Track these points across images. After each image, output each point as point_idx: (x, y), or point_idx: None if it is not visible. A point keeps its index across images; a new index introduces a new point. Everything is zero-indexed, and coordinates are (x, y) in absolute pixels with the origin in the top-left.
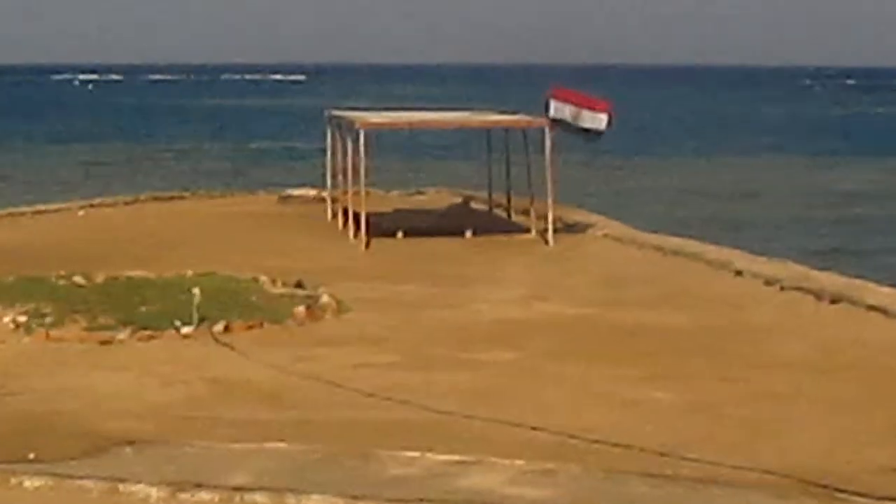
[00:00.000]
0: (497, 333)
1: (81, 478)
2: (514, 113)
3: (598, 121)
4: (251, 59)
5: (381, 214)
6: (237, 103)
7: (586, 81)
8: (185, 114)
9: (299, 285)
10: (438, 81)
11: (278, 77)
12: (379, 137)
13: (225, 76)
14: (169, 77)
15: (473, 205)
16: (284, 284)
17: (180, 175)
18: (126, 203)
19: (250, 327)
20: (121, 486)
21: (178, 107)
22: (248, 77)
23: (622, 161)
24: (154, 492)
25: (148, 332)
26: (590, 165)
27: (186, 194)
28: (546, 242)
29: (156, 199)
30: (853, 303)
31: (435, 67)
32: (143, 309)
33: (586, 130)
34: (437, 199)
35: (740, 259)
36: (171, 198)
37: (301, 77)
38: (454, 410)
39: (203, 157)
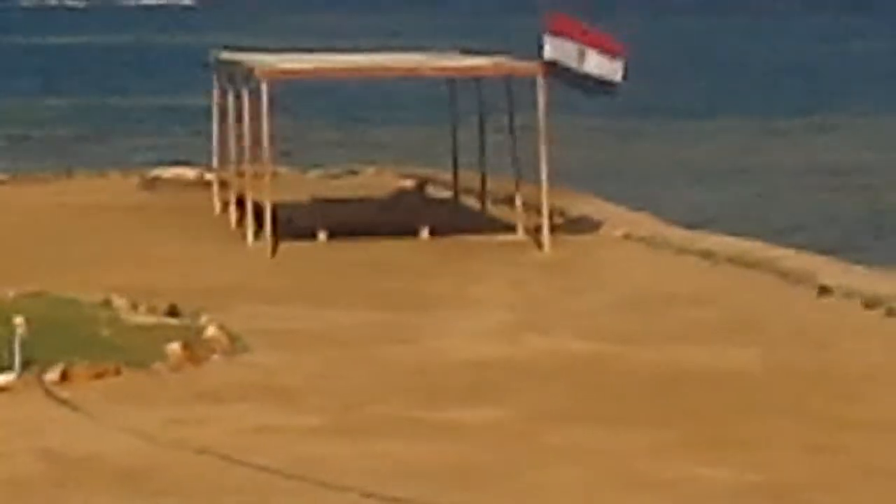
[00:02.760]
0: (470, 382)
1: None
2: (490, 55)
3: (610, 68)
4: None
5: (296, 206)
6: (79, 41)
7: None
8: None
9: (173, 312)
10: (379, 6)
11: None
12: (291, 92)
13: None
14: None
15: (431, 191)
16: (151, 310)
17: None
18: None
19: (100, 375)
20: None
21: None
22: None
23: (643, 124)
24: None
25: None
26: (601, 131)
27: (3, 177)
28: (540, 246)
29: None
30: None
31: None
32: None
33: (596, 81)
34: (377, 182)
35: (828, 269)
36: None
37: (187, 1)
38: (406, 498)
39: (29, 121)
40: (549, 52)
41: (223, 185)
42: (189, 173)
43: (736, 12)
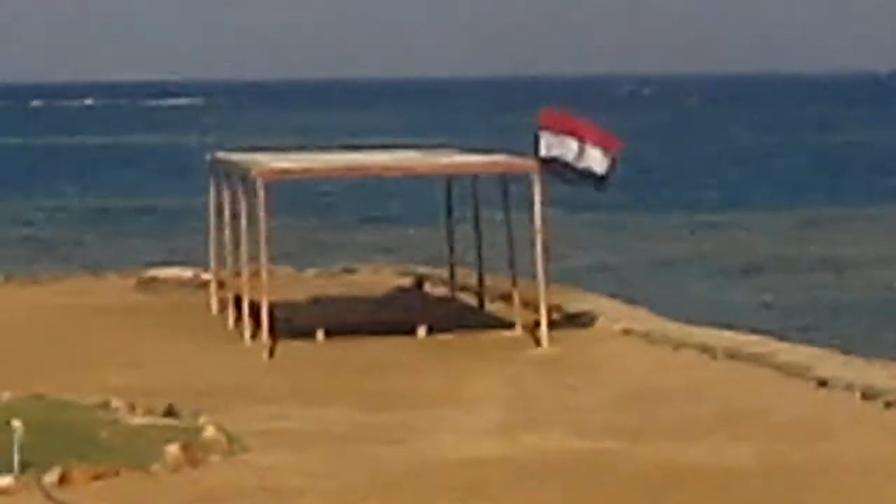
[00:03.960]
0: (466, 482)
1: None
2: (486, 152)
3: (598, 162)
4: (116, 75)
5: (293, 305)
6: (82, 142)
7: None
8: None
9: (171, 413)
10: (376, 104)
11: (153, 103)
12: (288, 191)
13: (80, 102)
14: None
15: (428, 288)
16: (149, 412)
17: None
18: None
19: (99, 477)
20: None
21: None
22: (108, 101)
23: (641, 218)
24: None
25: None
26: (599, 226)
27: None
28: (538, 343)
29: None
30: None
31: (373, 84)
32: None
33: (590, 174)
34: (374, 280)
35: (827, 362)
36: None
37: (190, 100)
38: None
39: (25, 222)
40: (544, 148)
41: (220, 284)
42: (186, 273)
43: (736, 103)
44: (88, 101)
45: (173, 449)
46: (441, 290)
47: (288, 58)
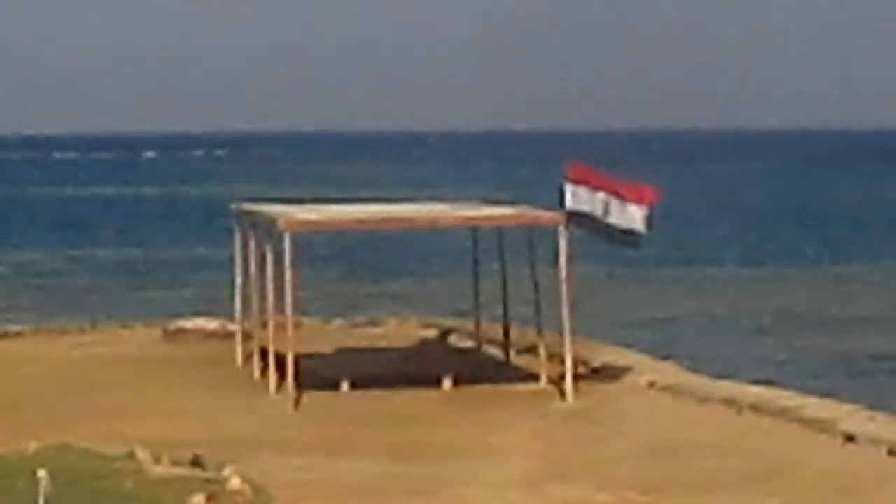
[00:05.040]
0: None
1: None
2: (511, 204)
3: (633, 217)
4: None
5: (319, 357)
6: (104, 193)
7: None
8: (25, 210)
9: (197, 463)
10: (404, 157)
11: (175, 154)
12: (314, 243)
13: (99, 154)
14: None
15: (454, 340)
16: (174, 463)
17: (13, 300)
18: None
19: None
20: None
21: (14, 198)
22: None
23: (667, 272)
24: None
25: None
26: (624, 280)
27: (26, 330)
28: (563, 395)
29: None
30: None
31: (401, 136)
32: None
33: (619, 230)
34: (400, 332)
35: (853, 417)
36: (4, 335)
37: (218, 151)
38: None
39: (52, 273)
40: (570, 201)
41: (246, 336)
42: (211, 324)
43: (760, 159)
44: (104, 155)
45: (198, 500)
46: (467, 343)
47: (309, 109)
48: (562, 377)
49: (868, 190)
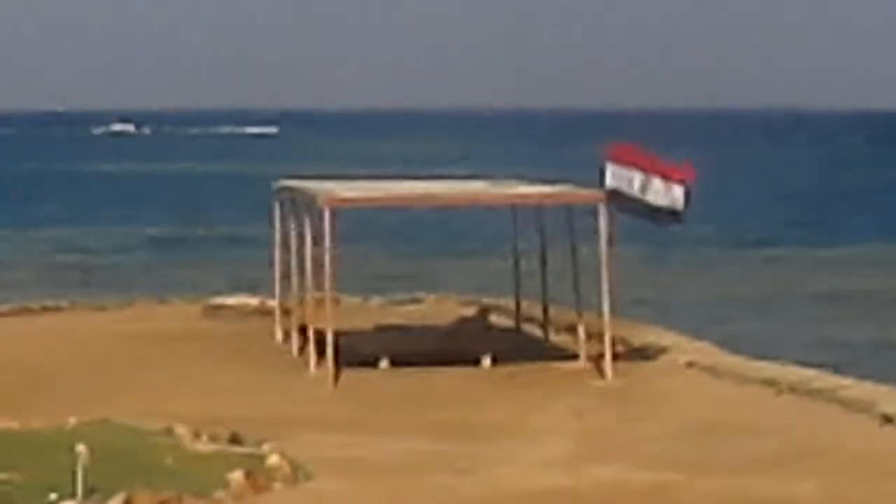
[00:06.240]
0: None
1: None
2: (552, 183)
3: (673, 196)
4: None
5: (358, 334)
6: (149, 169)
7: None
8: (72, 184)
9: (235, 440)
10: (443, 134)
11: (228, 130)
12: (353, 219)
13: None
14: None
15: (493, 319)
16: (213, 439)
17: (56, 275)
18: None
19: (163, 502)
20: None
21: (60, 174)
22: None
23: (713, 253)
24: None
25: None
26: (664, 260)
27: (65, 304)
28: (602, 374)
29: (21, 312)
30: None
31: (441, 114)
32: (2, 476)
33: (658, 209)
34: (439, 309)
35: (891, 397)
36: (44, 310)
37: (270, 129)
38: None
39: (92, 250)
40: (610, 180)
41: (285, 312)
42: (251, 301)
43: (803, 142)
44: (149, 129)
45: (237, 476)
46: (506, 321)
47: (359, 87)
48: (601, 356)
49: None
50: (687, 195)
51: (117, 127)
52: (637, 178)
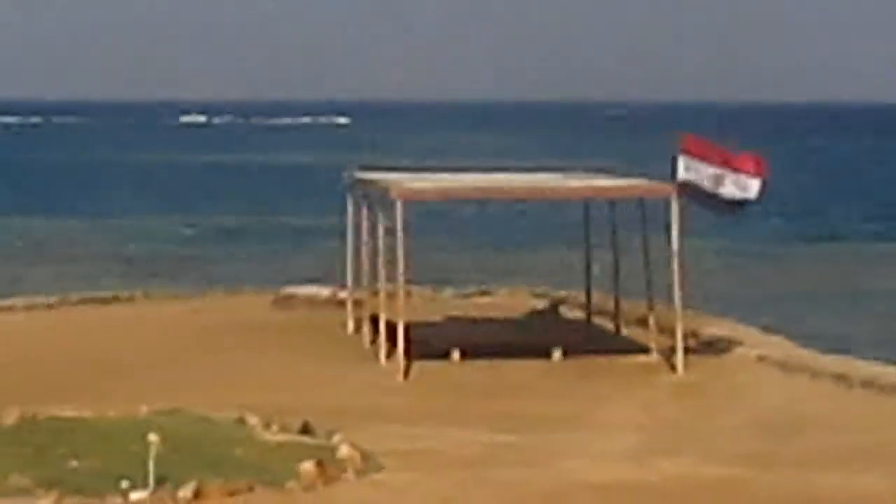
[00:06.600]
0: None
1: None
2: (624, 175)
3: (745, 186)
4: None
5: (429, 326)
6: (226, 159)
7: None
8: (143, 173)
9: (306, 430)
10: (515, 127)
11: (302, 120)
12: (425, 212)
13: (223, 118)
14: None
15: (564, 311)
16: (284, 429)
17: (127, 265)
18: (48, 306)
19: (233, 493)
20: None
21: (128, 165)
22: (249, 121)
23: (786, 248)
24: None
25: (81, 499)
26: (737, 253)
27: (138, 294)
28: (673, 368)
29: (92, 301)
30: None
31: (511, 107)
32: (75, 464)
33: (730, 202)
34: (510, 302)
35: None
36: (115, 299)
37: (342, 120)
38: None
39: (164, 240)
40: (682, 172)
41: (357, 303)
42: (323, 292)
43: (870, 135)
44: (229, 119)
45: (308, 466)
46: (577, 314)
47: (433, 78)
48: (672, 350)
49: None
50: (761, 188)
51: (189, 118)
52: (710, 170)
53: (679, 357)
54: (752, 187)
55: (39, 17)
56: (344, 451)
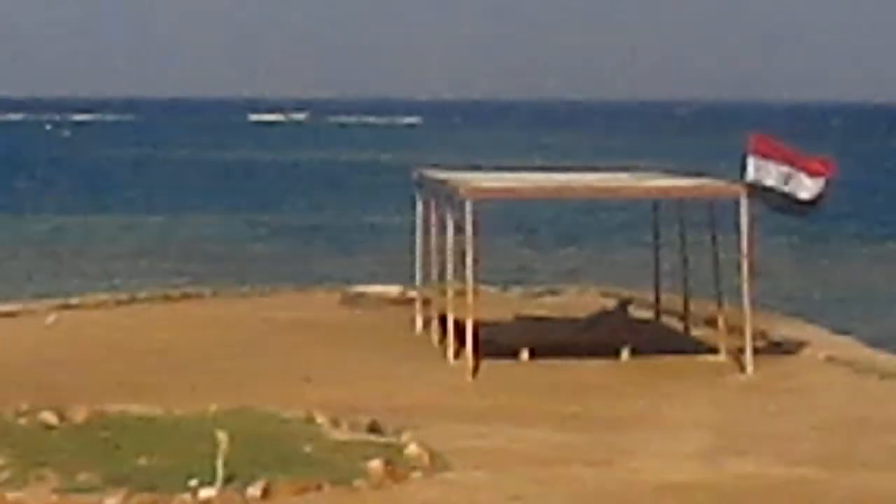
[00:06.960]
0: None
1: None
2: (694, 175)
3: (811, 186)
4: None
5: (497, 325)
6: (296, 157)
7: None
8: (211, 174)
9: (374, 429)
10: (581, 125)
11: (371, 119)
12: (495, 211)
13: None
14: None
15: (633, 311)
16: (352, 427)
17: (196, 264)
18: (118, 303)
19: (301, 491)
20: None
21: (200, 163)
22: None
23: (855, 248)
24: None
25: (150, 496)
26: (806, 253)
27: (207, 292)
28: (742, 368)
29: (163, 298)
30: None
31: (586, 106)
32: (143, 462)
33: (799, 202)
34: (579, 301)
35: None
36: (185, 297)
37: (414, 119)
38: None
39: (234, 238)
40: (752, 173)
41: (426, 302)
42: (392, 290)
43: None
44: (300, 117)
45: (376, 465)
46: (646, 313)
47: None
48: (741, 350)
49: None
50: (825, 188)
51: (267, 116)
52: (780, 170)
53: (748, 357)
54: (818, 187)
55: (96, 16)
56: (412, 449)
